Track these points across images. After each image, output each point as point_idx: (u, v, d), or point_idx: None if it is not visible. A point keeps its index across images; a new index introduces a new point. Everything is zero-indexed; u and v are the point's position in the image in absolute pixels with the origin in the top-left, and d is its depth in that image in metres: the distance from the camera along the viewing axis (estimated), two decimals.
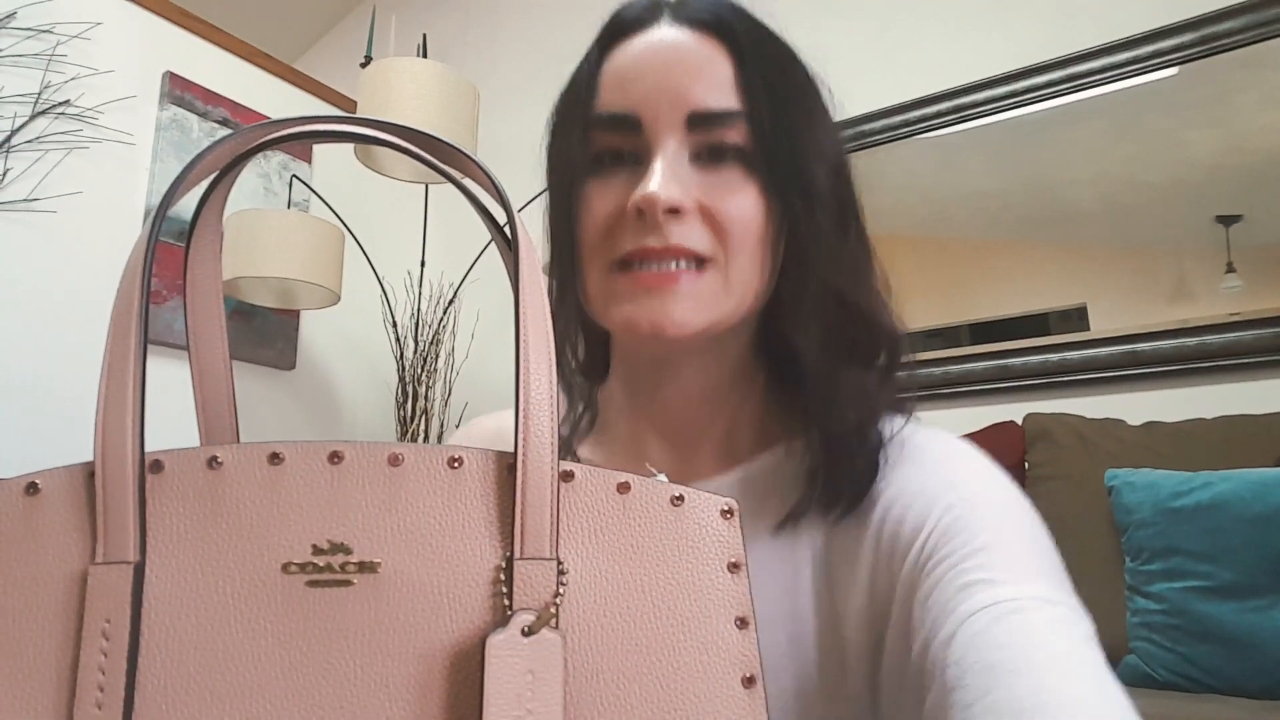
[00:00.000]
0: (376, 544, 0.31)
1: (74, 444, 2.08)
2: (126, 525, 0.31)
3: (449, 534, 0.31)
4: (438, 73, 2.14)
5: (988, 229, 2.13)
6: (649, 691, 0.32)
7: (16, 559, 0.31)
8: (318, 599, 0.30)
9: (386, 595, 0.31)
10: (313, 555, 0.31)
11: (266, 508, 0.32)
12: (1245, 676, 1.21)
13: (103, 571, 0.30)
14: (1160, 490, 1.39)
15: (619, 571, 0.33)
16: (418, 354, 2.53)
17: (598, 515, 0.33)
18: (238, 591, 0.30)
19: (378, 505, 0.32)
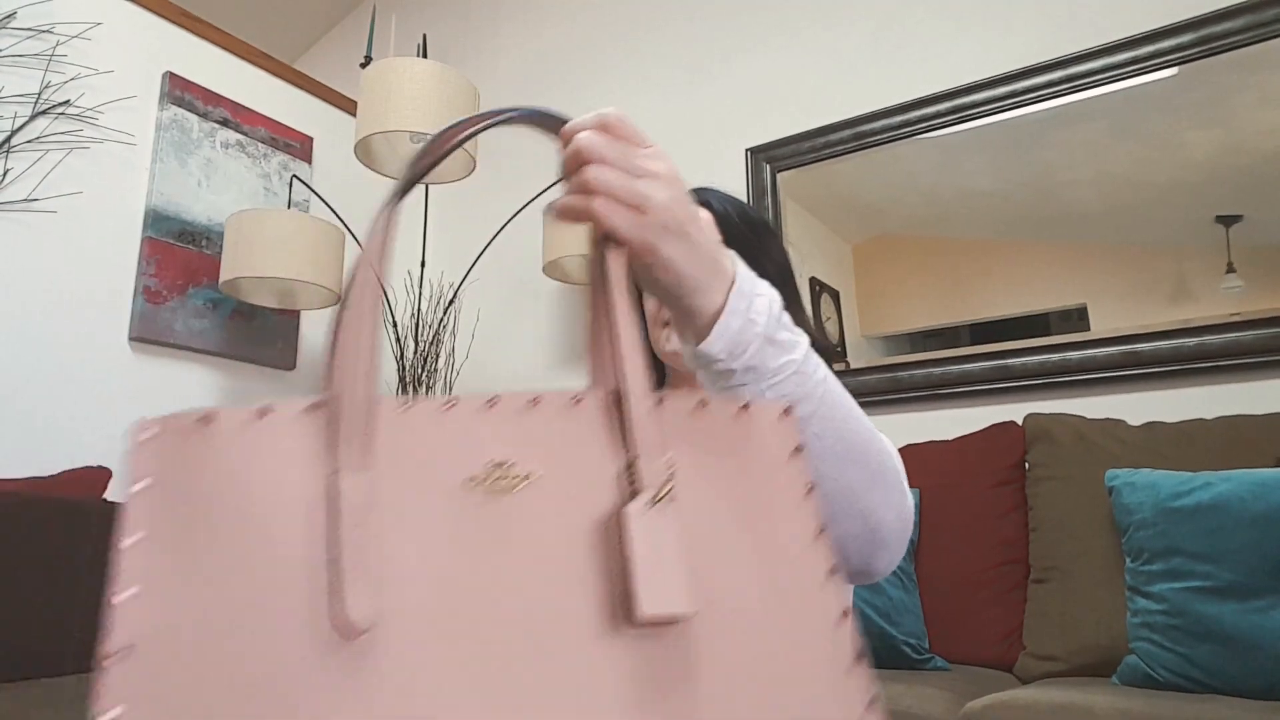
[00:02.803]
0: (530, 460, 0.41)
1: (76, 441, 2.08)
2: (358, 443, 0.39)
3: (582, 448, 0.42)
4: (438, 73, 2.13)
5: (988, 229, 2.13)
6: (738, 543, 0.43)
7: (258, 467, 0.37)
8: (493, 502, 0.40)
9: (544, 495, 0.40)
10: (485, 470, 0.40)
11: (448, 437, 0.41)
12: (1246, 677, 1.21)
13: (341, 478, 0.37)
14: (1160, 490, 1.39)
15: (704, 462, 0.44)
16: (418, 354, 2.53)
17: (685, 425, 0.44)
18: (435, 498, 0.39)
19: (526, 433, 0.41)
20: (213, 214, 2.44)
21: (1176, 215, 1.90)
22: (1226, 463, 1.47)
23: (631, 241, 0.49)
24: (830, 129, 2.39)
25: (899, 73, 2.34)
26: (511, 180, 2.87)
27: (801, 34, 2.54)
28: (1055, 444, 1.70)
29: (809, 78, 2.49)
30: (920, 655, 1.59)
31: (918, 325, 2.19)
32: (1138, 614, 1.36)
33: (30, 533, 1.60)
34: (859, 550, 0.60)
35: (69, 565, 1.62)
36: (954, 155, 2.20)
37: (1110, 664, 1.42)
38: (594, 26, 2.98)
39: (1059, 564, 1.59)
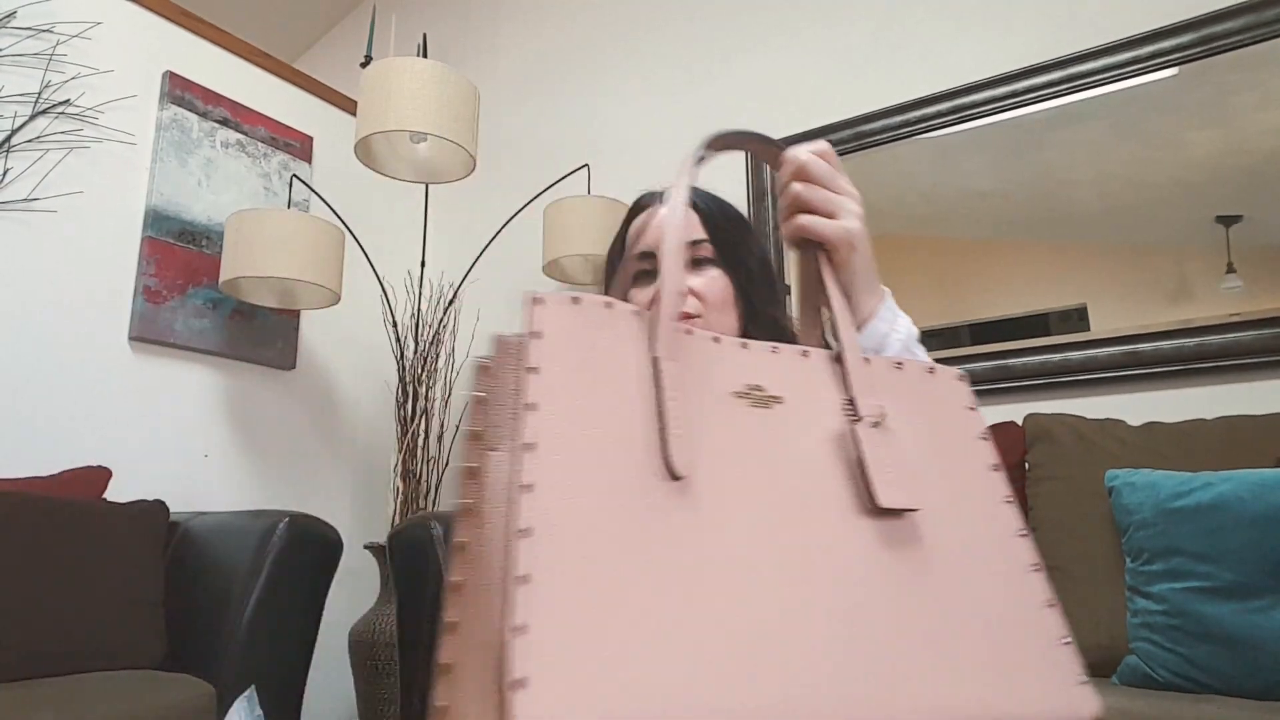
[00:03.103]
0: (777, 387, 0.54)
1: (76, 441, 2.08)
2: (671, 343, 0.51)
3: (814, 386, 0.56)
4: (438, 72, 2.13)
5: (988, 229, 2.13)
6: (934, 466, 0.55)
7: (603, 339, 0.49)
8: (755, 413, 0.52)
9: (790, 412, 0.53)
10: (745, 389, 0.53)
11: (717, 358, 0.53)
12: (1246, 677, 1.21)
13: (661, 361, 0.50)
14: (1160, 491, 1.39)
15: (902, 405, 0.57)
16: (418, 354, 2.53)
17: (887, 379, 0.58)
18: (715, 399, 0.51)
19: (773, 368, 0.55)
20: (213, 214, 2.44)
21: (1176, 215, 1.90)
22: (1226, 463, 1.47)
23: (829, 241, 0.65)
24: (830, 129, 2.39)
25: (899, 73, 2.34)
26: (511, 180, 2.87)
27: (801, 34, 2.54)
28: (1055, 444, 1.70)
29: (809, 78, 2.49)
30: None
31: (918, 325, 2.18)
32: (1137, 614, 1.36)
33: (30, 533, 1.60)
34: None
35: (69, 565, 1.62)
36: (954, 155, 2.20)
37: (1110, 664, 1.42)
38: (594, 26, 2.98)
39: (1059, 564, 1.59)
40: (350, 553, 2.29)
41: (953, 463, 0.56)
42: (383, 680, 2.17)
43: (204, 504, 2.28)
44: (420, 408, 2.48)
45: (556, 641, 0.39)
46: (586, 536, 0.42)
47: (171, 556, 1.83)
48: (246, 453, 2.51)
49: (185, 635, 1.71)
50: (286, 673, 1.74)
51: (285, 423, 2.63)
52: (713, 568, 0.45)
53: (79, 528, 1.67)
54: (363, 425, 2.87)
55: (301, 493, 2.63)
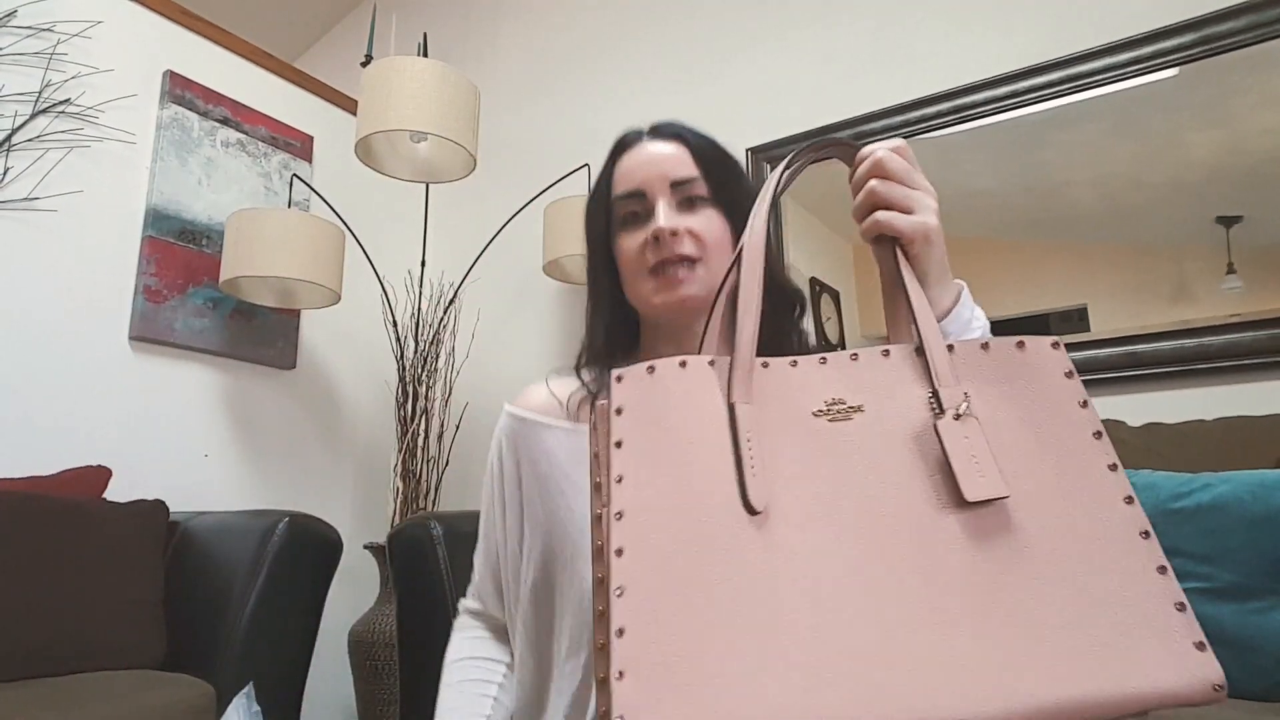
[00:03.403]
0: (857, 397, 0.56)
1: (76, 441, 2.08)
2: (743, 385, 0.55)
3: (895, 386, 0.57)
4: (438, 72, 2.13)
5: (988, 229, 2.13)
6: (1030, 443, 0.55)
7: (679, 400, 0.54)
8: (835, 428, 0.55)
9: (871, 419, 0.55)
10: (826, 406, 0.56)
11: (796, 383, 0.56)
12: (1245, 678, 1.21)
13: (737, 408, 0.54)
14: (1160, 491, 1.39)
15: (991, 387, 0.57)
16: (418, 354, 2.53)
17: (973, 364, 0.58)
18: (789, 425, 0.55)
19: (852, 378, 0.57)
20: (213, 213, 2.44)
21: (1176, 215, 1.90)
22: (1226, 463, 1.47)
23: (904, 234, 0.66)
24: (830, 129, 2.39)
25: (899, 73, 2.34)
26: (511, 180, 2.87)
27: (801, 34, 2.54)
28: None
29: (809, 78, 2.49)
30: None
31: None
32: None
33: (30, 533, 1.60)
34: None
35: (69, 565, 1.62)
36: (954, 155, 2.20)
37: None
38: (594, 26, 2.98)
39: None
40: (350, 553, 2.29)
41: (1051, 436, 0.55)
42: (383, 680, 2.17)
43: (204, 504, 2.28)
44: (420, 408, 2.48)
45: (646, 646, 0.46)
46: (670, 590, 0.47)
47: (171, 556, 1.83)
48: (246, 453, 2.51)
49: (185, 635, 1.71)
50: (286, 673, 1.74)
51: (285, 423, 2.63)
52: (796, 591, 0.48)
53: (79, 528, 1.67)
54: (363, 425, 2.87)
55: (301, 493, 2.63)
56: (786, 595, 0.48)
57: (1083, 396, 0.58)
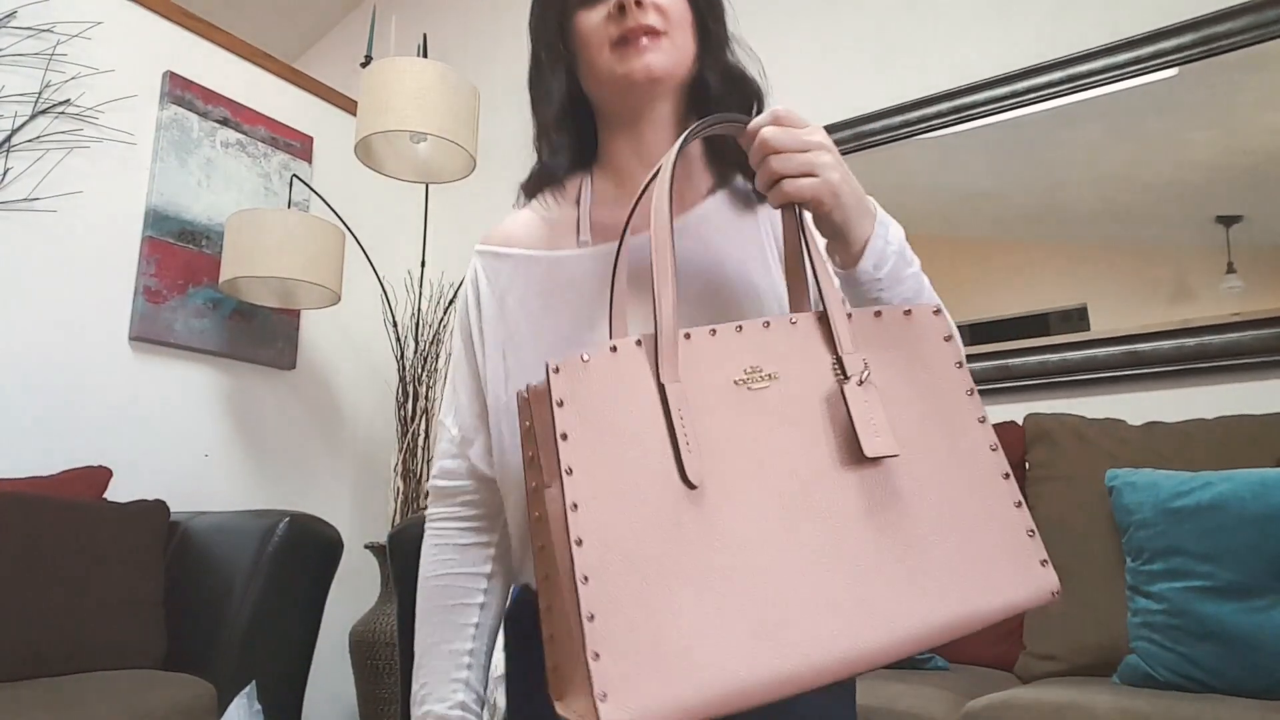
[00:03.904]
0: (773, 365, 0.62)
1: (76, 441, 2.07)
2: (674, 364, 0.60)
3: (804, 352, 0.63)
4: (438, 72, 2.13)
5: (988, 229, 2.13)
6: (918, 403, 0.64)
7: (613, 387, 0.58)
8: (755, 396, 0.61)
9: (785, 384, 0.62)
10: (745, 375, 0.61)
11: (717, 353, 0.61)
12: (1246, 676, 1.21)
13: (668, 386, 0.59)
14: (1161, 490, 1.39)
15: (885, 353, 0.64)
16: (418, 354, 2.53)
17: (869, 330, 0.65)
18: (713, 396, 0.60)
19: (765, 346, 0.62)
20: (213, 214, 2.44)
21: (1176, 215, 1.90)
22: (1226, 463, 1.47)
23: (812, 199, 0.66)
24: (830, 129, 2.38)
25: (899, 73, 2.34)
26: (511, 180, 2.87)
27: (801, 34, 2.54)
28: (1055, 444, 1.70)
29: (809, 77, 2.49)
30: (920, 655, 1.59)
31: None
32: (1138, 614, 1.36)
33: (30, 533, 1.60)
34: None
35: (69, 565, 1.62)
36: (954, 155, 2.20)
37: (1110, 664, 1.42)
38: None
39: (1059, 564, 1.58)
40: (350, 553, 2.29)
41: (933, 395, 0.64)
42: (383, 680, 2.17)
43: (204, 504, 2.28)
44: (420, 408, 2.48)
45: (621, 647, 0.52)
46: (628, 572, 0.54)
47: (171, 556, 1.83)
48: (246, 453, 2.51)
49: (185, 635, 1.71)
50: (286, 672, 1.74)
51: (285, 423, 2.63)
52: (732, 551, 0.56)
53: (79, 528, 1.67)
54: (363, 425, 2.87)
55: (301, 493, 2.63)
56: (725, 559, 0.56)
57: (959, 358, 0.67)
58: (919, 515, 0.60)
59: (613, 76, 0.80)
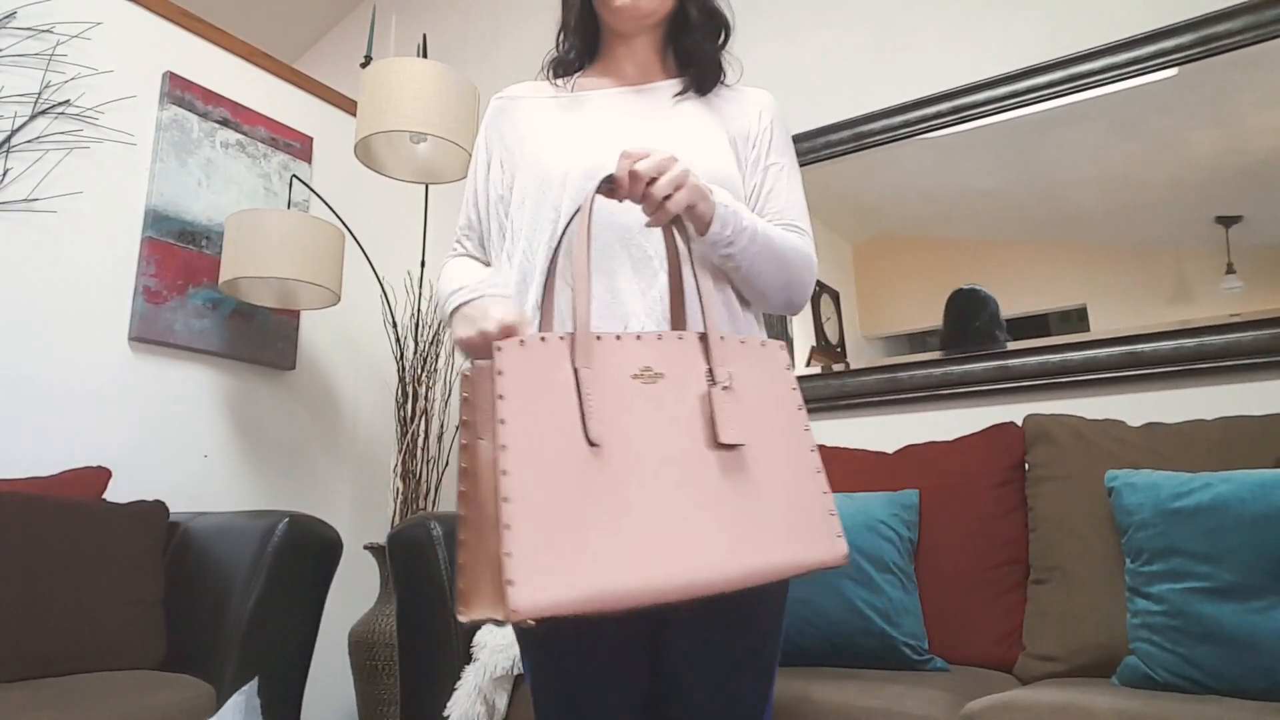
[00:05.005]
0: (662, 366, 0.81)
1: (76, 441, 2.08)
2: (589, 355, 0.78)
3: (687, 360, 0.82)
4: (438, 73, 2.13)
5: (988, 229, 2.13)
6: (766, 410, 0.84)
7: (541, 365, 0.76)
8: (647, 388, 0.79)
9: (671, 383, 0.81)
10: (640, 371, 0.80)
11: (621, 353, 0.80)
12: (1246, 677, 1.21)
13: (580, 370, 0.77)
14: (1160, 491, 1.39)
15: (746, 371, 0.85)
16: (417, 354, 2.53)
17: (736, 351, 0.86)
18: (617, 384, 0.79)
19: (659, 352, 0.81)
20: (213, 214, 2.44)
21: (1176, 215, 1.90)
22: (1226, 463, 1.47)
23: (688, 204, 0.90)
24: (830, 129, 2.39)
25: (899, 73, 2.34)
26: None
27: (801, 34, 2.54)
28: (1055, 444, 1.70)
29: (809, 78, 2.49)
30: (920, 656, 1.59)
31: (918, 325, 2.19)
32: (1137, 614, 1.36)
33: (30, 533, 1.60)
34: (780, 305, 1.09)
35: (69, 565, 1.62)
36: (954, 155, 2.20)
37: (1110, 664, 1.42)
38: None
39: (1059, 564, 1.59)
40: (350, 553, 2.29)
41: (774, 407, 0.84)
42: (383, 680, 2.17)
43: (204, 504, 2.28)
44: (420, 408, 2.48)
45: (527, 548, 0.69)
46: (543, 494, 0.71)
47: (171, 556, 1.83)
48: (246, 453, 2.51)
49: (185, 635, 1.71)
50: (286, 673, 1.74)
51: (285, 423, 2.63)
52: (619, 497, 0.74)
53: (79, 528, 1.67)
54: (363, 425, 2.87)
55: (301, 493, 2.64)
56: (619, 498, 0.74)
57: (794, 383, 0.88)
58: (761, 489, 0.79)
59: (612, 8, 1.08)
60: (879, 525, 1.69)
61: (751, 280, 1.03)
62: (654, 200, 0.87)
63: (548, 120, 1.12)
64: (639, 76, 1.16)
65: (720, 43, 1.16)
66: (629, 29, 1.12)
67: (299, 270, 2.19)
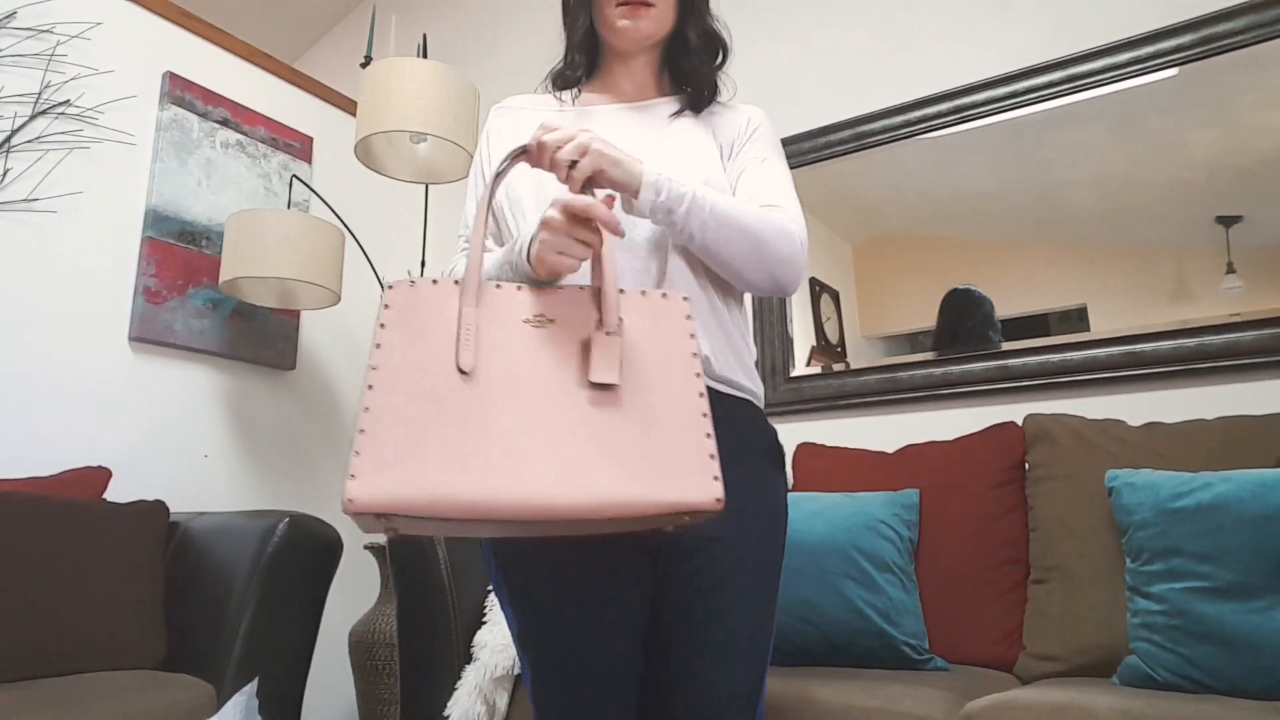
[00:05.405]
0: (553, 313, 0.87)
1: (76, 441, 2.07)
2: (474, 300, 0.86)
3: (579, 310, 0.87)
4: (438, 73, 2.13)
5: (988, 229, 2.13)
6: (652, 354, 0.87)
7: (426, 302, 0.85)
8: (535, 330, 0.86)
9: (560, 329, 0.86)
10: (533, 316, 0.86)
11: (515, 300, 0.87)
12: (1246, 677, 1.21)
13: (464, 309, 0.85)
14: (1160, 491, 1.39)
15: (640, 319, 0.88)
16: None
17: (634, 301, 0.89)
18: (509, 326, 0.85)
19: (552, 301, 0.87)
20: (213, 214, 2.44)
21: (1176, 215, 1.90)
22: (1226, 463, 1.47)
23: (594, 170, 0.94)
24: (830, 129, 2.39)
25: (899, 73, 2.34)
26: None
27: (801, 34, 2.54)
28: (1055, 444, 1.70)
29: (809, 78, 2.49)
30: (920, 655, 1.59)
31: (918, 325, 2.19)
32: (1138, 614, 1.36)
33: (30, 533, 1.60)
34: (763, 282, 1.06)
35: (69, 565, 1.62)
36: (954, 155, 2.20)
37: (1110, 664, 1.42)
38: None
39: (1059, 564, 1.59)
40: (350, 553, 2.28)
41: (667, 352, 0.87)
42: (383, 680, 2.17)
43: (204, 504, 2.28)
44: None
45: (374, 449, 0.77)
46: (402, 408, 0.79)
47: (171, 556, 1.83)
48: (246, 453, 2.51)
49: (185, 635, 1.71)
50: (286, 673, 1.74)
51: (285, 423, 2.63)
52: (483, 420, 0.80)
53: (79, 528, 1.67)
54: None
55: (301, 493, 2.63)
56: (478, 421, 0.79)
57: (691, 331, 0.90)
58: (632, 428, 0.82)
59: (614, 28, 1.13)
60: (879, 525, 1.69)
61: (716, 254, 1.03)
62: (560, 165, 0.93)
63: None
64: (636, 94, 1.20)
65: (718, 63, 1.21)
66: (629, 49, 1.17)
67: (299, 270, 2.19)
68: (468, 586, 1.74)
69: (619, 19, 1.11)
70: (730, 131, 1.17)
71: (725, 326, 1.08)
